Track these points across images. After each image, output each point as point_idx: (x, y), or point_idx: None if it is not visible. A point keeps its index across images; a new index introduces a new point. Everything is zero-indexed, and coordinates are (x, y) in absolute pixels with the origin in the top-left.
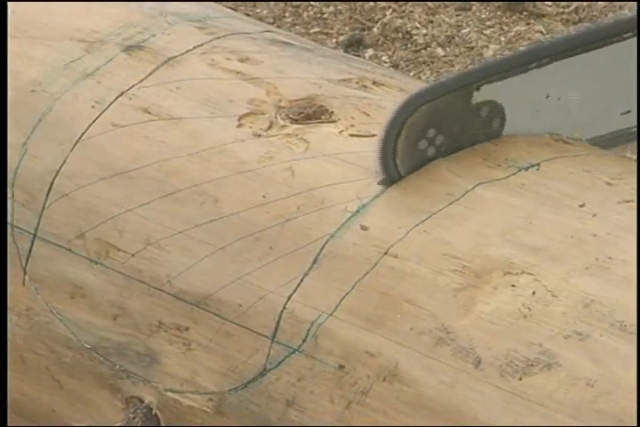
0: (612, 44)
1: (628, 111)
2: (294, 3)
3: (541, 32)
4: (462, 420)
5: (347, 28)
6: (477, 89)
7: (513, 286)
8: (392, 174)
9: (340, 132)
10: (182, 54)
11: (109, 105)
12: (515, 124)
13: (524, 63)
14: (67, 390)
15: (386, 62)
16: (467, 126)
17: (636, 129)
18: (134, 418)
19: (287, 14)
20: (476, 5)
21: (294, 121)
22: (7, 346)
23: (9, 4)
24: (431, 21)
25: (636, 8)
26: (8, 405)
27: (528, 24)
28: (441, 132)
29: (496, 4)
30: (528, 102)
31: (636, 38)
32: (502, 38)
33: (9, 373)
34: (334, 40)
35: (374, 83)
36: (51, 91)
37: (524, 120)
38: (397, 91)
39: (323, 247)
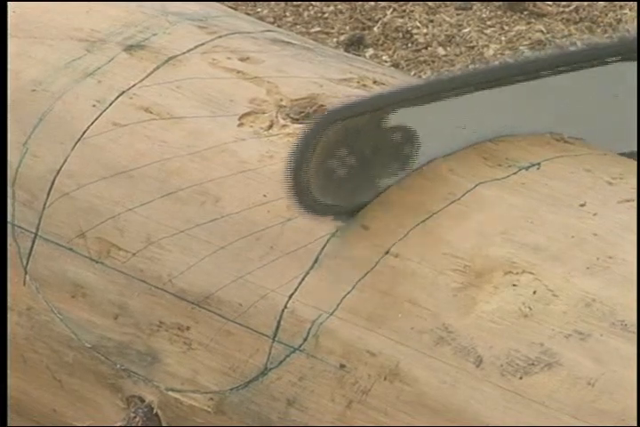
0: (534, 79)
1: None
2: (295, 2)
3: (542, 31)
4: (463, 419)
5: (347, 28)
6: (392, 112)
7: (514, 285)
8: (302, 191)
9: None
10: (183, 53)
11: (110, 104)
12: (428, 152)
13: (443, 90)
14: (67, 390)
15: (386, 62)
16: (378, 149)
17: None
18: (135, 417)
19: (288, 14)
20: (476, 5)
21: (295, 120)
22: (7, 346)
23: (9, 3)
24: (432, 21)
25: (636, 8)
26: (8, 405)
27: (529, 24)
28: (352, 153)
29: (497, 3)
30: (444, 131)
31: (555, 75)
32: (503, 38)
33: (9, 372)
34: (335, 39)
35: (375, 82)
36: (51, 90)
37: (437, 149)
38: None
39: (324, 247)
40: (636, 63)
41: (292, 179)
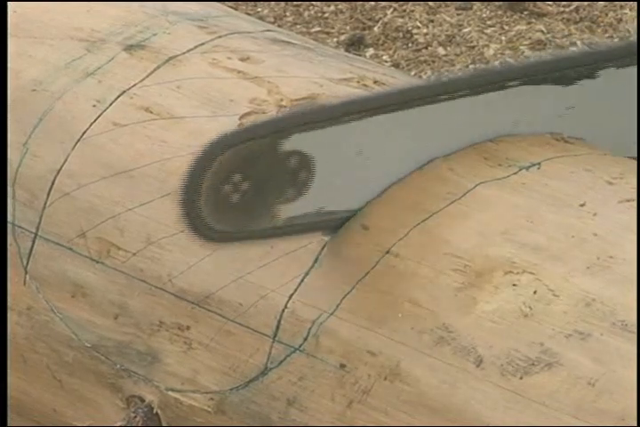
0: (430, 103)
1: None
2: (295, 2)
3: (542, 31)
4: (463, 419)
5: (347, 28)
6: (287, 137)
7: (514, 285)
8: (194, 217)
9: None
10: (183, 53)
11: (110, 104)
12: (324, 177)
13: (338, 115)
14: (67, 390)
15: (387, 61)
16: (273, 175)
17: None
18: (135, 417)
19: (288, 13)
20: (476, 5)
21: None
22: (7, 345)
23: (10, 3)
24: (432, 21)
25: (636, 8)
26: (8, 405)
27: (529, 23)
28: (247, 179)
29: (497, 3)
30: (339, 157)
31: (459, 99)
32: (503, 38)
33: (9, 372)
34: (335, 39)
35: (375, 82)
36: (52, 90)
37: (334, 175)
38: None
39: (324, 247)
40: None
41: (183, 205)
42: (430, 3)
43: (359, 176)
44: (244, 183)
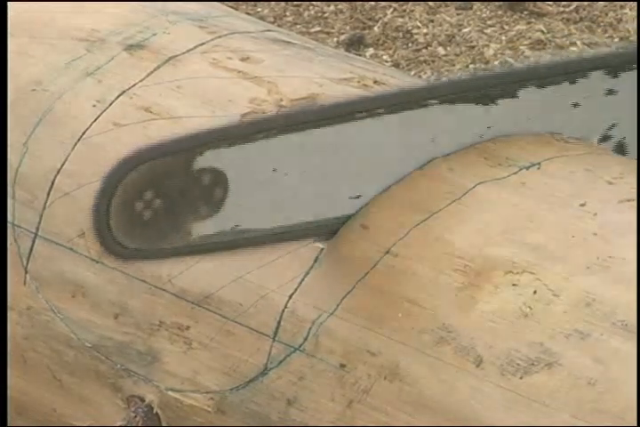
0: (342, 122)
1: (359, 196)
2: (295, 2)
3: (542, 31)
4: (463, 419)
5: (347, 28)
6: (201, 154)
7: (514, 285)
8: (105, 235)
9: None
10: (183, 53)
11: (110, 104)
12: (239, 195)
13: (252, 132)
14: (67, 389)
15: (387, 61)
16: (187, 192)
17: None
18: (135, 417)
19: (288, 13)
20: (476, 4)
21: None
22: (7, 345)
23: (10, 3)
24: (432, 20)
25: (636, 7)
26: (8, 404)
27: (529, 23)
28: (159, 196)
29: (497, 3)
30: (254, 174)
31: (369, 119)
32: (503, 37)
33: (9, 372)
34: (335, 39)
35: (375, 82)
36: (52, 90)
37: (249, 193)
38: None
39: (324, 246)
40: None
41: (94, 221)
42: (430, 3)
43: (274, 194)
44: (156, 200)
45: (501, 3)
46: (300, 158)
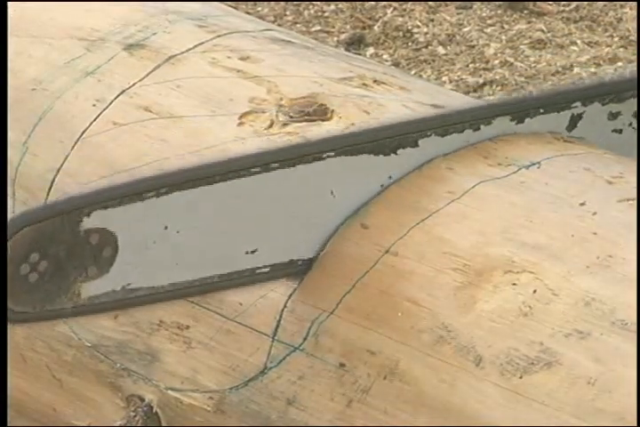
0: (235, 178)
1: (255, 250)
2: (295, 1)
3: (542, 30)
4: (462, 418)
5: (348, 27)
6: (87, 215)
7: (514, 284)
8: None
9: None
10: (183, 53)
11: (110, 103)
12: (130, 254)
13: (140, 191)
14: (67, 389)
15: (387, 61)
16: (74, 253)
17: (265, 269)
18: (135, 417)
19: (288, 13)
20: (476, 4)
21: (295, 119)
22: (7, 344)
23: (9, 2)
24: (432, 20)
25: (636, 7)
26: (8, 404)
27: (529, 22)
28: (45, 258)
29: (497, 2)
30: (144, 233)
31: (267, 173)
32: (503, 37)
33: (9, 371)
34: (335, 38)
35: (375, 81)
36: (51, 89)
37: (140, 251)
38: (398, 89)
39: (324, 246)
40: None
41: None
42: (430, 2)
43: (167, 251)
44: (42, 262)
45: (501, 2)
46: (192, 215)
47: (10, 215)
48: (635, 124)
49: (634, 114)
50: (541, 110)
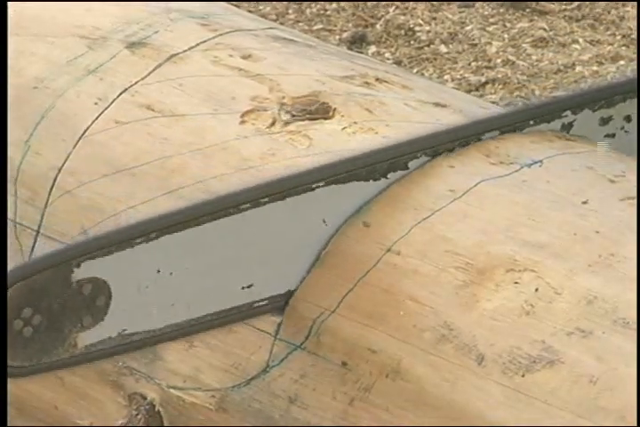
0: (225, 216)
1: (250, 285)
2: (297, 0)
3: (544, 29)
4: (465, 417)
5: (350, 25)
6: (78, 266)
7: (516, 282)
8: None
9: (342, 128)
10: (185, 51)
11: (112, 102)
12: (124, 300)
13: (129, 238)
14: (69, 387)
15: (389, 59)
16: (68, 304)
17: (262, 302)
18: (137, 415)
19: (290, 11)
20: (478, 2)
21: (297, 118)
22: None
23: (9, 2)
24: (434, 18)
25: (636, 7)
26: (8, 404)
27: (531, 21)
28: (38, 312)
29: (499, 1)
30: (137, 278)
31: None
32: (505, 35)
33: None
34: (337, 37)
35: (377, 80)
36: (53, 87)
37: (134, 297)
38: (400, 88)
39: (325, 244)
40: None
41: None
42: (432, 0)
43: (161, 294)
44: (36, 316)
45: (503, 1)
46: (184, 257)
47: (10, 216)
48: (627, 128)
49: (625, 117)
50: (531, 122)
